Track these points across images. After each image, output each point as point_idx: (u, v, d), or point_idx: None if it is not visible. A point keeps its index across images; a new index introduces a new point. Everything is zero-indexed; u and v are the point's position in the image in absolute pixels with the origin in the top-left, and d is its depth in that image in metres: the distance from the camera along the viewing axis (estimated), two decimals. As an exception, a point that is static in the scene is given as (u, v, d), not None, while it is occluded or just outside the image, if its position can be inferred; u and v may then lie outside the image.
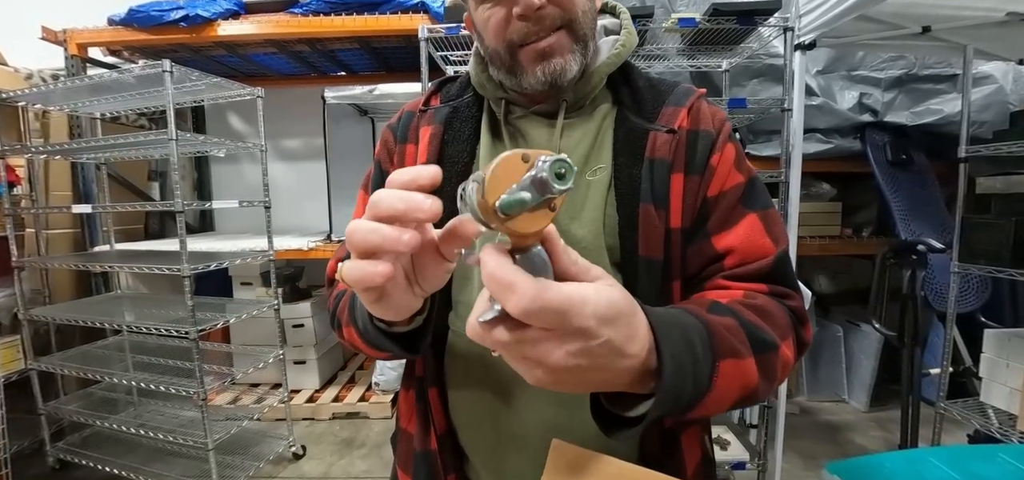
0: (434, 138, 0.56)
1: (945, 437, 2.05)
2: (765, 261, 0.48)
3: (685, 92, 0.54)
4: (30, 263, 1.88)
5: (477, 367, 0.53)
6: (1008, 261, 1.40)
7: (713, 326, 0.39)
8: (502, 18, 0.50)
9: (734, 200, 0.50)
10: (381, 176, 0.61)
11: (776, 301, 0.47)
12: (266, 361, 1.95)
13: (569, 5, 0.49)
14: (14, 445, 1.82)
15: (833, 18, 1.40)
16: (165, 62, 1.48)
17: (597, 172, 0.53)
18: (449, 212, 0.44)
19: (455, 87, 0.62)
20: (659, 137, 0.51)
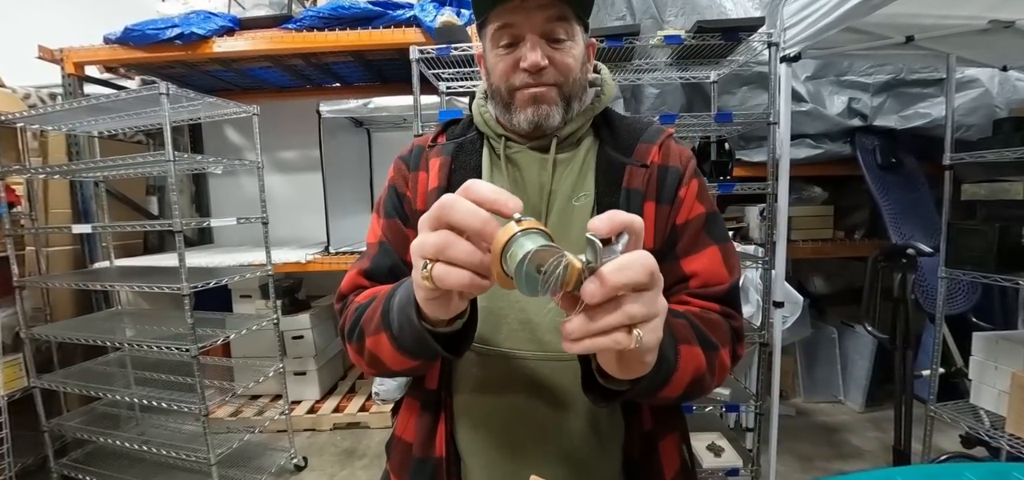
0: (443, 166, 0.64)
1: (937, 436, 2.08)
2: (721, 287, 0.59)
3: (657, 131, 0.64)
4: (31, 283, 1.90)
5: (475, 368, 0.60)
6: (993, 266, 1.42)
7: (670, 322, 0.49)
8: (510, 65, 0.59)
9: (698, 228, 0.60)
10: (398, 198, 0.68)
11: (723, 319, 0.58)
12: (266, 375, 1.97)
13: (565, 70, 0.59)
14: (19, 462, 1.85)
15: (818, 31, 1.43)
16: (162, 84, 1.50)
17: (581, 199, 0.61)
18: None
19: (459, 127, 0.70)
20: (634, 170, 0.60)
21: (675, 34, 1.36)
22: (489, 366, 0.59)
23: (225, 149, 3.08)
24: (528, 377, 0.58)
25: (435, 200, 0.57)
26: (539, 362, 0.58)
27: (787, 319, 1.82)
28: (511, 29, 0.58)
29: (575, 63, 0.59)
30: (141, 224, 1.89)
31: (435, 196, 0.58)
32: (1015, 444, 1.38)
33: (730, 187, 1.47)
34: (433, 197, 0.60)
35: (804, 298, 2.04)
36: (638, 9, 2.12)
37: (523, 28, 0.57)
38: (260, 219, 1.96)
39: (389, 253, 0.65)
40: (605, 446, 0.59)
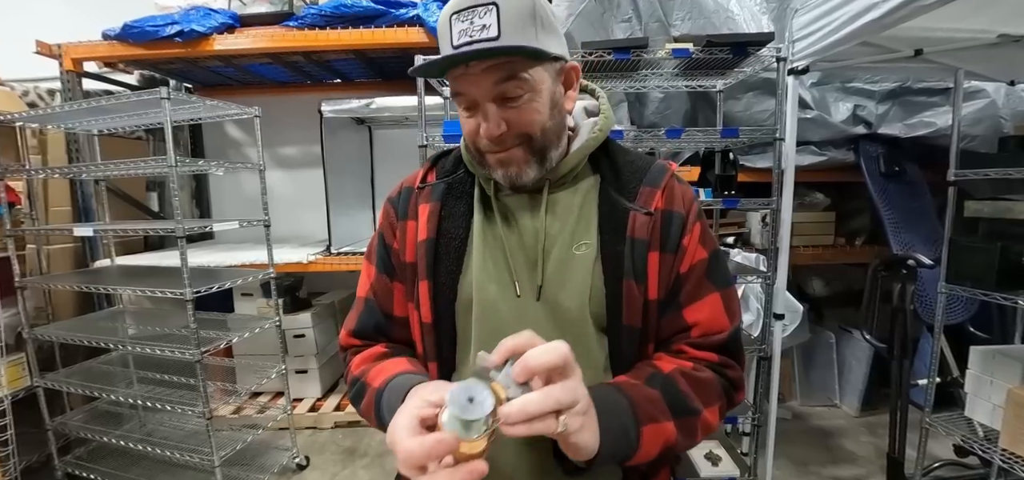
0: (433, 216, 0.62)
1: (932, 444, 2.11)
2: (722, 336, 0.59)
3: (660, 171, 0.62)
4: (33, 284, 1.90)
5: None
6: (993, 284, 1.43)
7: (636, 401, 0.52)
8: (473, 129, 0.57)
9: (701, 274, 0.60)
10: (385, 249, 0.67)
11: (717, 375, 0.59)
12: (269, 375, 1.98)
13: (527, 127, 0.56)
14: (23, 460, 1.86)
15: (827, 46, 1.42)
16: (162, 88, 1.49)
17: (582, 247, 0.59)
18: (446, 287, 0.60)
19: (449, 161, 0.67)
20: (638, 217, 0.58)
21: (683, 47, 1.35)
22: None
23: (226, 145, 3.05)
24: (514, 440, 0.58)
25: (425, 253, 0.61)
26: None
27: (787, 328, 1.83)
28: (464, 97, 0.56)
29: (540, 115, 0.56)
30: (143, 228, 1.88)
31: (424, 248, 0.61)
32: (1007, 459, 1.40)
33: (734, 203, 1.47)
34: (423, 249, 0.61)
35: (803, 305, 2.06)
36: (644, 13, 2.10)
37: (474, 94, 0.55)
38: (262, 221, 1.95)
39: (374, 312, 0.66)
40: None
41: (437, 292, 0.60)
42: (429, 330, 0.61)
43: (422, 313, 0.61)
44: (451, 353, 0.61)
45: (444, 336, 0.61)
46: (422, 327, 0.61)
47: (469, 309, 0.59)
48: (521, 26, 0.52)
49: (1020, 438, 1.39)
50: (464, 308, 0.60)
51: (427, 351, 0.62)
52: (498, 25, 0.51)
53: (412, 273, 0.62)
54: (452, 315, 0.60)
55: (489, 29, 0.51)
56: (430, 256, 0.60)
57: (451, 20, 0.53)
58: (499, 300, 0.59)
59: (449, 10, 0.54)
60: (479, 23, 0.52)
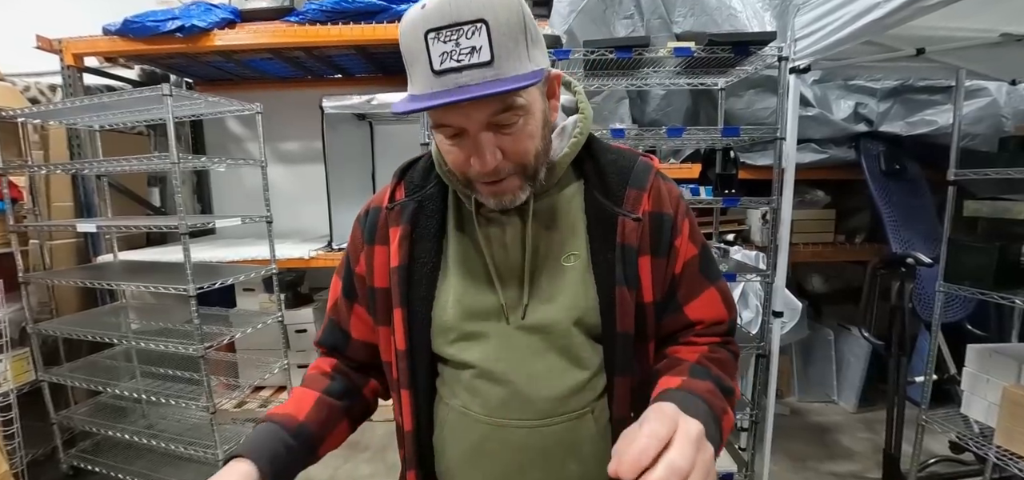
0: (404, 240, 0.58)
1: (928, 440, 2.13)
2: (722, 326, 0.62)
3: (644, 171, 0.59)
4: (36, 279, 1.91)
5: (465, 436, 0.59)
6: (991, 284, 1.44)
7: (710, 402, 0.52)
8: (461, 159, 0.51)
9: (695, 271, 0.60)
10: (349, 272, 0.65)
11: (727, 351, 0.62)
12: (272, 370, 2.00)
13: (522, 156, 0.51)
14: (29, 453, 1.88)
15: (830, 45, 1.41)
16: (164, 85, 1.49)
17: (570, 258, 0.57)
18: (421, 314, 0.59)
19: (418, 173, 0.61)
20: (627, 223, 0.56)
21: (685, 46, 1.35)
22: (479, 432, 0.57)
23: (226, 141, 3.05)
24: (518, 441, 0.56)
25: (398, 281, 0.58)
26: (532, 428, 0.56)
27: (786, 325, 1.85)
28: (450, 128, 0.49)
29: (533, 139, 0.51)
30: (146, 224, 1.89)
31: (397, 276, 0.58)
32: (1002, 456, 1.42)
33: (735, 202, 1.48)
34: (396, 276, 0.58)
35: (802, 302, 2.07)
36: (646, 9, 2.09)
37: (463, 125, 0.48)
38: (264, 218, 1.96)
39: (334, 329, 0.67)
40: None
41: (411, 319, 0.58)
42: (403, 357, 0.58)
43: (397, 340, 0.58)
44: (429, 381, 0.60)
45: (420, 363, 0.59)
46: (396, 354, 0.59)
47: (445, 333, 0.57)
48: (514, 43, 0.46)
49: (1015, 436, 1.40)
50: (440, 333, 0.58)
51: (401, 378, 0.59)
52: (490, 47, 0.44)
53: (384, 299, 0.60)
54: (427, 342, 0.58)
55: (480, 52, 0.44)
56: (404, 283, 0.57)
57: (428, 39, 0.44)
58: (482, 322, 0.57)
59: (421, 25, 0.44)
60: (467, 45, 0.44)
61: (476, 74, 0.45)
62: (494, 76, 0.45)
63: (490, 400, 0.56)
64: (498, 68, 0.45)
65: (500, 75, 0.45)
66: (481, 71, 0.45)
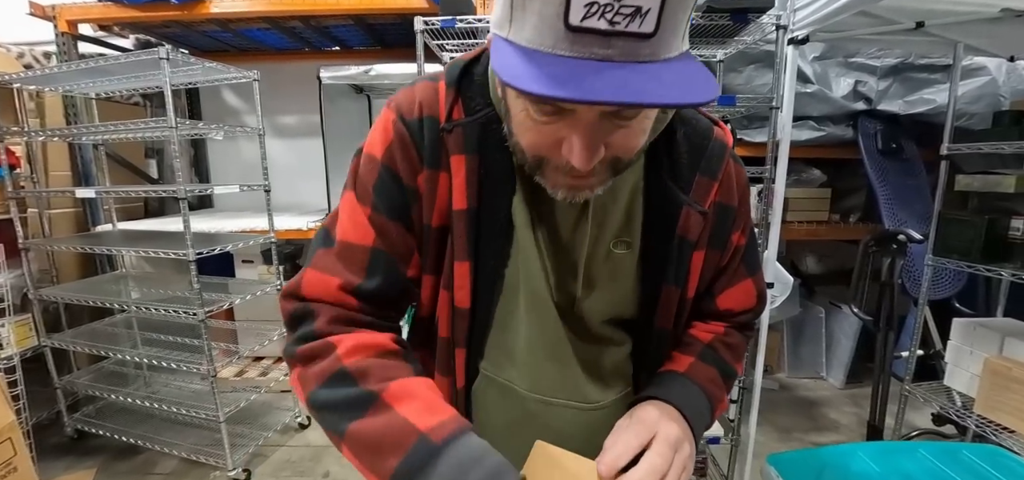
0: (471, 178, 0.46)
1: (913, 415, 2.19)
2: (747, 315, 0.60)
3: (719, 155, 0.50)
4: (36, 245, 1.92)
5: (504, 406, 0.54)
6: (978, 257, 1.46)
7: (708, 392, 0.53)
8: (549, 144, 0.39)
9: (738, 261, 0.56)
10: (401, 193, 0.48)
11: (741, 335, 0.60)
12: (271, 338, 2.03)
13: (626, 153, 0.40)
14: (34, 416, 1.92)
15: (828, 14, 1.41)
16: (161, 49, 1.48)
17: (621, 245, 0.50)
18: (491, 271, 0.49)
19: (477, 90, 0.47)
20: (692, 216, 0.49)
21: (683, 14, 1.35)
22: (527, 407, 0.53)
23: (223, 112, 3.03)
24: (565, 421, 0.53)
25: (466, 228, 0.46)
26: (581, 410, 0.53)
27: (776, 299, 1.87)
28: (554, 105, 0.36)
29: (644, 135, 0.41)
30: (145, 189, 1.89)
31: (465, 222, 0.46)
32: (982, 424, 1.46)
33: (729, 172, 1.49)
34: (463, 223, 0.46)
35: (795, 279, 2.09)
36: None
37: (577, 108, 0.36)
38: (262, 186, 1.97)
39: (392, 269, 0.48)
40: None
41: (479, 276, 0.48)
42: (464, 316, 0.50)
43: (458, 296, 0.49)
44: (480, 347, 0.53)
45: (478, 322, 0.51)
46: (455, 312, 0.50)
47: (513, 300, 0.50)
48: (683, 13, 0.33)
49: (994, 404, 1.45)
50: (507, 299, 0.50)
51: (456, 336, 0.51)
52: (659, 13, 0.31)
53: (438, 240, 0.48)
54: (491, 303, 0.50)
55: (645, 19, 0.31)
56: (473, 232, 0.47)
57: None
58: (544, 296, 0.50)
59: None
60: (631, 2, 0.30)
61: (628, 46, 0.32)
62: (649, 55, 0.32)
63: (542, 379, 0.52)
64: (656, 46, 0.32)
65: (658, 55, 0.33)
66: (635, 45, 0.32)
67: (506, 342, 0.52)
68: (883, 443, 0.66)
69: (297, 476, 1.86)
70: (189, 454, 1.84)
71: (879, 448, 0.65)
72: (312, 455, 2.00)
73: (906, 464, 0.58)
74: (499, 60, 0.33)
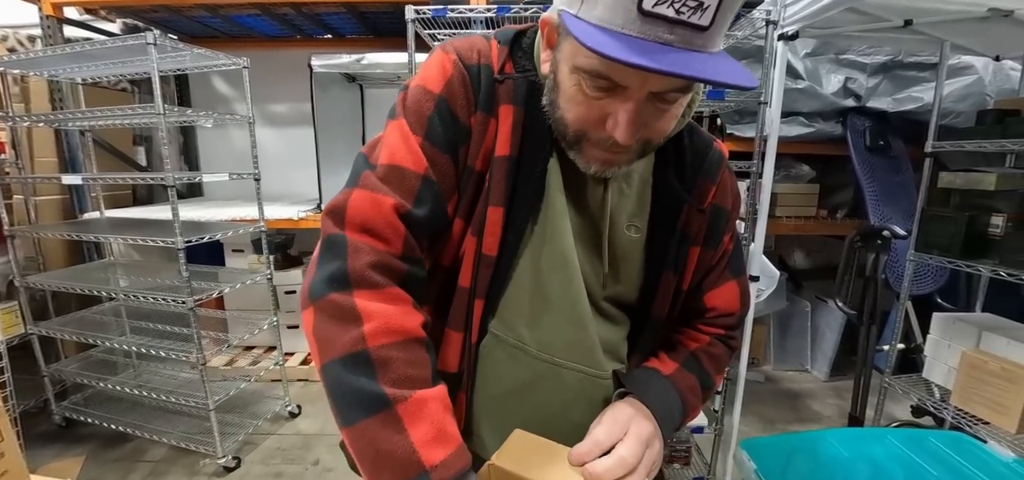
0: (516, 127, 0.48)
1: (894, 407, 2.24)
2: (733, 318, 0.62)
3: (717, 163, 0.56)
4: (22, 232, 1.90)
5: (514, 371, 0.54)
6: (958, 253, 1.50)
7: (684, 394, 0.56)
8: (595, 119, 0.43)
9: (725, 264, 0.61)
10: (454, 124, 0.48)
11: (725, 346, 0.62)
12: (260, 327, 2.03)
13: (659, 135, 0.46)
14: (21, 405, 1.91)
15: (817, 10, 1.42)
16: (149, 34, 1.46)
17: (633, 230, 0.54)
18: (520, 221, 0.50)
19: (526, 55, 0.51)
20: (693, 213, 0.54)
21: (674, 8, 1.35)
22: (534, 370, 0.53)
23: (213, 99, 3.00)
24: (570, 386, 0.54)
25: (504, 175, 0.47)
26: (587, 377, 0.54)
27: (762, 292, 1.90)
28: (610, 82, 0.41)
29: (674, 121, 0.46)
30: (133, 176, 1.88)
31: (504, 168, 0.48)
32: (958, 416, 1.50)
33: (717, 166, 1.51)
34: (503, 168, 0.48)
35: (782, 273, 2.12)
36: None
37: (629, 85, 0.40)
38: (252, 175, 1.96)
39: (439, 205, 0.48)
40: None
41: (509, 224, 0.49)
42: (489, 264, 0.50)
43: (487, 243, 0.49)
44: (498, 296, 0.52)
45: (499, 274, 0.51)
46: (481, 258, 0.50)
47: (536, 257, 0.51)
48: (731, 13, 0.38)
49: (970, 395, 1.49)
50: (531, 254, 0.51)
51: (478, 286, 0.50)
52: (715, 11, 0.36)
53: (476, 185, 0.49)
54: (515, 255, 0.51)
55: (705, 13, 0.36)
56: (511, 179, 0.48)
57: None
58: (569, 258, 0.52)
59: None
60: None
61: (686, 35, 0.36)
62: (701, 46, 0.37)
63: (557, 340, 0.52)
64: (707, 39, 0.37)
65: (707, 48, 0.38)
66: (692, 34, 0.37)
67: (522, 299, 0.52)
68: (853, 429, 0.68)
69: (287, 464, 1.88)
70: (179, 442, 1.85)
71: (848, 434, 0.67)
72: (302, 443, 2.01)
73: (874, 449, 0.60)
74: (577, 28, 0.37)
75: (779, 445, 0.63)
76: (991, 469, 0.58)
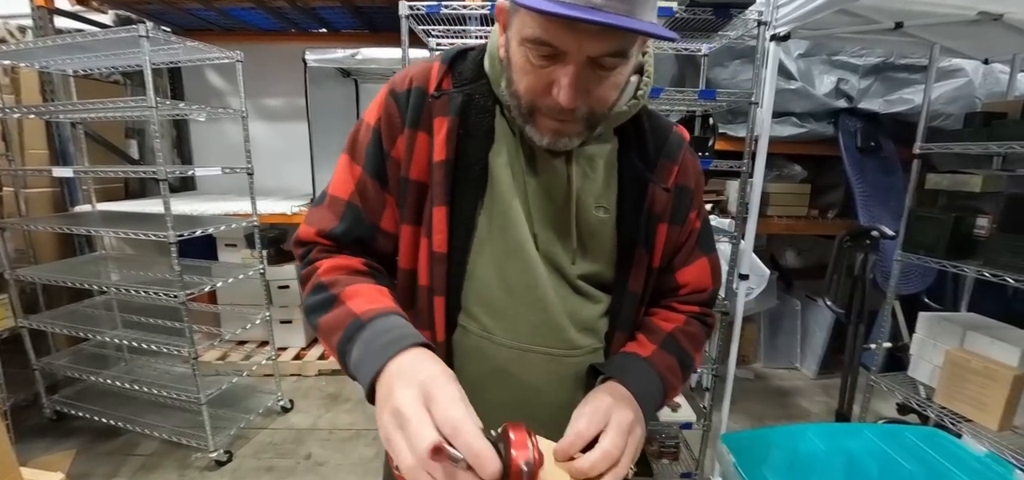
0: (451, 133, 0.54)
1: (880, 404, 2.28)
2: (705, 294, 0.65)
3: (677, 144, 0.61)
4: (13, 225, 1.89)
5: (483, 361, 0.57)
6: (943, 253, 1.52)
7: (663, 374, 0.57)
8: (541, 86, 0.48)
9: (694, 242, 0.64)
10: (381, 155, 0.57)
11: (701, 324, 0.64)
12: (253, 322, 2.03)
13: (601, 105, 0.50)
14: (11, 398, 1.91)
15: (809, 12, 1.43)
16: (142, 26, 1.45)
17: (601, 210, 0.58)
18: (465, 218, 0.56)
19: (468, 67, 0.57)
20: (657, 192, 0.58)
21: (667, 6, 1.35)
22: (502, 357, 0.57)
23: (206, 93, 2.98)
24: (539, 368, 0.57)
25: (443, 177, 0.54)
26: (554, 357, 0.57)
27: (752, 291, 1.92)
28: (550, 48, 0.46)
29: (617, 91, 0.50)
30: (124, 170, 1.87)
31: (442, 171, 0.54)
32: (942, 413, 1.53)
33: (707, 163, 1.51)
34: (441, 171, 0.54)
35: (773, 271, 2.15)
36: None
37: (569, 52, 0.45)
38: (245, 170, 1.95)
39: (359, 220, 0.58)
40: None
41: (455, 222, 0.55)
42: (441, 260, 0.55)
43: (435, 241, 0.55)
44: (458, 294, 0.56)
45: (455, 268, 0.56)
46: (433, 257, 0.55)
47: (489, 247, 0.56)
48: None
49: (953, 394, 1.51)
50: (484, 246, 0.56)
51: (435, 283, 0.56)
52: None
53: (417, 193, 0.56)
54: (467, 249, 0.55)
55: None
56: (449, 180, 0.54)
57: None
58: (525, 245, 0.56)
59: None
60: None
61: (614, 3, 0.42)
62: (627, 12, 0.42)
63: (520, 325, 0.56)
64: (634, 6, 0.43)
65: (634, 14, 0.43)
66: (619, 3, 0.42)
67: (482, 291, 0.57)
68: (830, 424, 0.70)
69: (279, 458, 1.88)
70: (170, 436, 1.85)
71: (826, 429, 0.69)
72: (294, 438, 2.01)
73: (851, 443, 0.62)
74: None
75: (758, 439, 0.65)
76: (964, 464, 0.59)
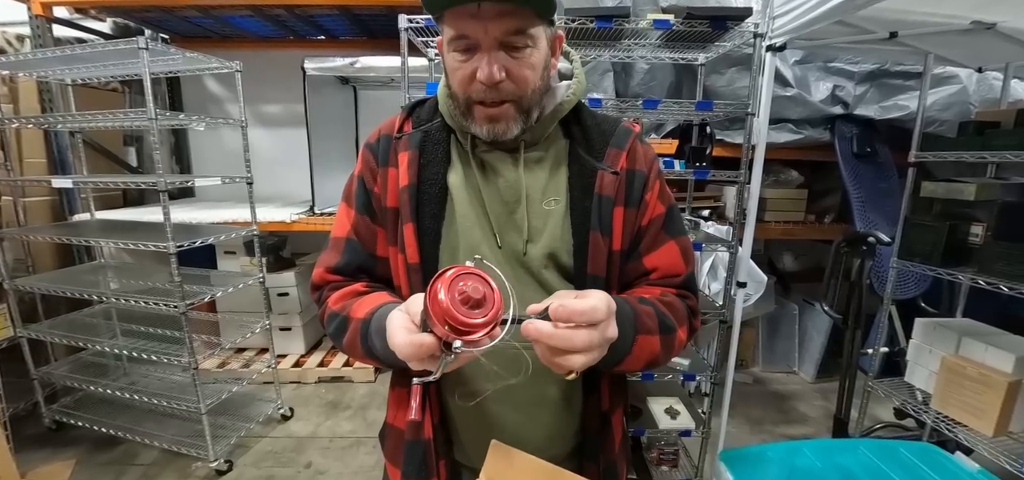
0: (412, 162, 0.65)
1: (877, 409, 2.29)
2: (678, 278, 0.67)
3: (625, 134, 0.67)
4: (11, 234, 1.89)
5: (473, 363, 0.61)
6: (938, 261, 1.53)
7: (639, 313, 0.59)
8: (467, 76, 0.58)
9: (659, 227, 0.67)
10: (366, 193, 0.69)
11: (680, 300, 0.66)
12: (253, 330, 2.03)
13: (522, 84, 0.58)
14: (10, 407, 1.90)
15: (806, 23, 1.44)
16: (140, 38, 1.46)
17: (552, 202, 0.64)
18: (431, 230, 0.64)
19: (425, 111, 0.70)
20: (606, 177, 0.63)
21: (664, 18, 1.36)
22: (472, 357, 0.62)
23: (205, 100, 2.98)
24: (509, 358, 0.60)
25: (408, 198, 0.63)
26: (517, 350, 0.60)
27: (751, 297, 1.93)
28: (466, 40, 0.56)
29: (534, 72, 0.59)
30: (123, 180, 1.87)
31: (406, 194, 0.63)
32: (938, 420, 1.54)
33: (705, 174, 1.52)
34: (405, 194, 0.63)
35: (770, 276, 2.16)
36: (634, -20, 2.08)
37: (478, 38, 0.55)
38: (245, 179, 1.95)
39: (357, 251, 0.68)
40: (572, 415, 0.68)
41: (422, 235, 0.64)
42: (416, 270, 0.63)
43: (408, 254, 0.63)
44: None
45: (428, 276, 0.61)
46: (408, 267, 0.64)
47: (454, 253, 0.63)
48: None
49: (950, 400, 1.53)
50: (448, 251, 0.64)
51: (414, 291, 0.63)
52: None
53: (394, 217, 0.65)
54: (436, 258, 0.63)
55: None
56: (413, 201, 0.63)
57: None
58: (482, 245, 0.63)
59: None
60: None
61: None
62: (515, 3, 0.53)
63: None
64: None
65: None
66: None
67: None
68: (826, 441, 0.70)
69: (279, 467, 1.88)
70: (170, 445, 1.85)
71: (822, 445, 0.70)
72: (294, 446, 2.02)
73: (846, 460, 0.62)
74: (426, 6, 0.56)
75: (755, 456, 0.66)
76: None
